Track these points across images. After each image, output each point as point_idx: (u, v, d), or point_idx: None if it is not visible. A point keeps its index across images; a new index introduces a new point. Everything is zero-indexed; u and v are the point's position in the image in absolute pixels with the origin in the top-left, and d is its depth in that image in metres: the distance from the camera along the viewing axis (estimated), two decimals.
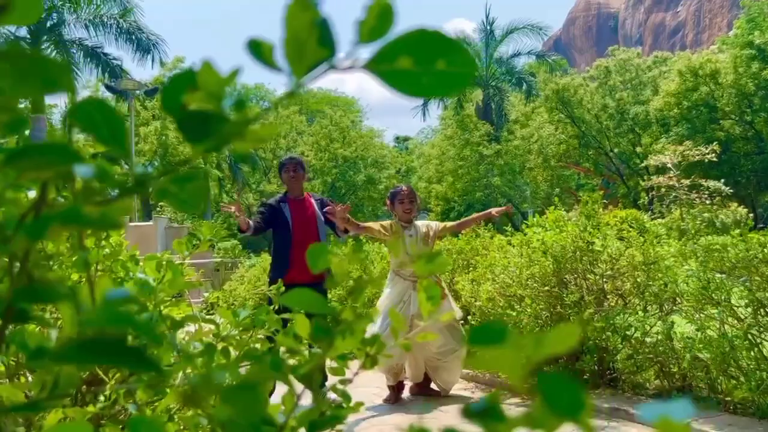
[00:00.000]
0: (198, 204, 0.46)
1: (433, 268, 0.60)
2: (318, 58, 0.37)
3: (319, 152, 36.32)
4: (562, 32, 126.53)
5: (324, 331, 0.57)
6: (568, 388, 0.28)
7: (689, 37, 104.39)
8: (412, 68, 0.39)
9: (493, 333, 0.31)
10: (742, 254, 3.84)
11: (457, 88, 0.40)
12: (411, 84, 0.40)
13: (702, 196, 22.80)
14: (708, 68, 28.67)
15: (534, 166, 32.25)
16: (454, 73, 0.40)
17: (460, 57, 0.39)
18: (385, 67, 0.39)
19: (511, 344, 0.30)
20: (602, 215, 5.50)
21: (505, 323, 0.31)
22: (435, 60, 0.39)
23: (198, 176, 0.45)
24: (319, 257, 0.69)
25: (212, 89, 0.38)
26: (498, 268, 5.61)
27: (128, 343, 0.28)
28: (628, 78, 33.86)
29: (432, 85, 0.40)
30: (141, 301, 1.20)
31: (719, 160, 25.65)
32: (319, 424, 0.75)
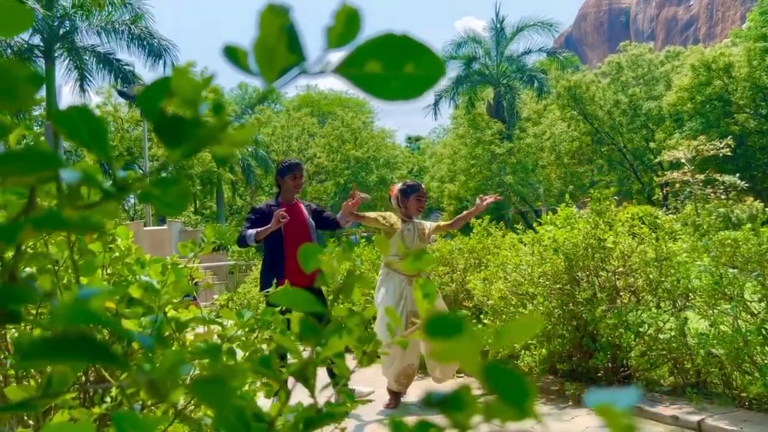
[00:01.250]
0: (181, 207, 0.47)
1: (420, 265, 0.61)
2: (288, 63, 0.38)
3: (331, 153, 36.42)
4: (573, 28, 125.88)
5: (311, 329, 0.58)
6: (514, 378, 0.29)
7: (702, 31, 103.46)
8: (382, 72, 0.40)
9: (450, 325, 0.32)
10: (755, 248, 3.81)
11: (424, 90, 0.41)
12: (381, 87, 0.41)
13: (717, 190, 22.61)
14: (721, 62, 28.43)
15: (547, 163, 32.15)
16: (422, 76, 0.41)
17: (427, 60, 0.41)
18: (355, 71, 0.40)
19: (467, 336, 0.31)
20: (615, 212, 5.47)
21: (462, 315, 0.32)
22: (403, 63, 0.41)
23: (180, 180, 0.46)
24: (310, 257, 0.70)
25: (187, 94, 0.39)
26: (510, 266, 5.60)
27: (95, 339, 0.29)
28: (641, 73, 33.67)
29: (401, 88, 0.41)
30: (146, 303, 1.23)
31: (734, 155, 25.44)
32: (314, 421, 0.76)
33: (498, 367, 0.29)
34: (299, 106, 48.07)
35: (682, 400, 4.32)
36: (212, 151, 0.45)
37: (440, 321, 0.32)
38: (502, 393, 0.29)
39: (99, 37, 21.65)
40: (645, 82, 33.31)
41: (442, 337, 0.31)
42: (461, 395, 0.31)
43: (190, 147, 0.41)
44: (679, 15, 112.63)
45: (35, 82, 0.37)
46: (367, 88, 0.41)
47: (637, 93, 32.04)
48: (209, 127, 0.40)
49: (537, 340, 5.16)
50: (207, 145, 0.41)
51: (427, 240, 5.30)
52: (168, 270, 1.20)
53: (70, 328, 0.28)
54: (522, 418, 0.29)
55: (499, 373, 0.29)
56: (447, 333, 0.32)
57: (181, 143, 0.40)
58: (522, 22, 32.14)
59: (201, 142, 0.40)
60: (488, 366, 0.29)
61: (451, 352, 0.31)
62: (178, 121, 0.39)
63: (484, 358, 0.29)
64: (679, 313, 4.56)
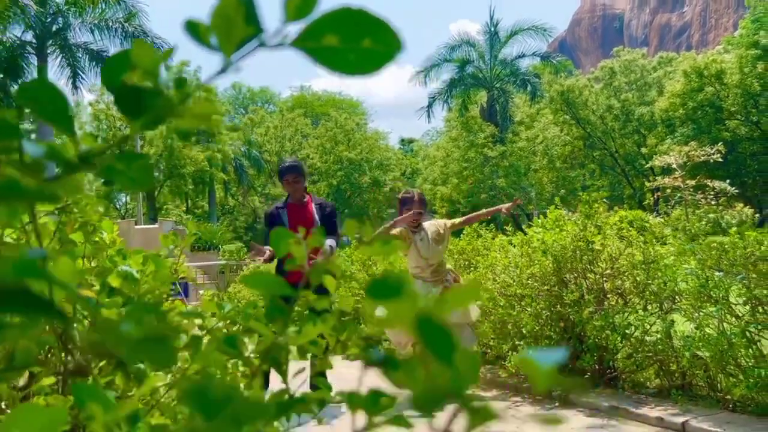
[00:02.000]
0: (145, 183, 0.47)
1: (387, 250, 0.62)
2: (245, 35, 0.39)
3: (324, 155, 36.41)
4: (567, 33, 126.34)
5: (279, 310, 0.58)
6: (443, 332, 0.30)
7: (695, 38, 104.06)
8: (339, 45, 0.41)
9: (389, 287, 0.33)
10: (740, 252, 3.84)
11: (382, 65, 0.42)
12: (338, 61, 0.42)
13: (707, 196, 22.74)
14: (713, 68, 28.61)
15: (539, 167, 32.25)
16: (380, 51, 0.41)
17: (385, 35, 0.41)
18: (312, 44, 0.41)
19: (406, 298, 0.32)
20: (605, 215, 5.50)
21: (403, 277, 0.33)
22: (361, 38, 0.41)
23: (144, 155, 0.47)
24: (281, 241, 0.70)
25: (147, 67, 0.40)
26: (499, 267, 5.62)
27: (31, 290, 0.29)
28: (633, 79, 33.85)
29: (358, 62, 0.42)
30: (125, 293, 1.23)
31: (725, 161, 25.60)
32: (286, 406, 0.77)
33: (429, 320, 0.30)
34: (293, 106, 48.06)
35: (668, 401, 4.35)
36: (175, 125, 0.46)
37: (382, 283, 0.32)
38: (431, 345, 0.30)
39: (92, 35, 21.57)
40: (637, 88, 33.49)
41: (382, 299, 0.32)
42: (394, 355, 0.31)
43: (150, 118, 0.41)
44: (673, 21, 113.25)
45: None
46: (325, 62, 0.41)
47: (630, 98, 32.21)
48: (168, 98, 0.40)
49: (525, 342, 5.18)
50: (167, 117, 0.42)
51: (445, 239, 5.33)
52: (148, 260, 1.20)
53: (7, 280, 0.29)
54: (449, 366, 0.30)
55: (430, 326, 0.30)
56: (387, 295, 0.33)
57: (142, 114, 0.41)
58: (516, 26, 32.25)
59: (160, 113, 0.41)
60: (420, 319, 0.30)
61: (391, 314, 0.32)
62: (137, 92, 0.40)
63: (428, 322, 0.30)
64: (666, 315, 4.59)
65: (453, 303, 0.34)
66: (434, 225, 5.37)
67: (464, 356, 0.31)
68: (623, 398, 4.59)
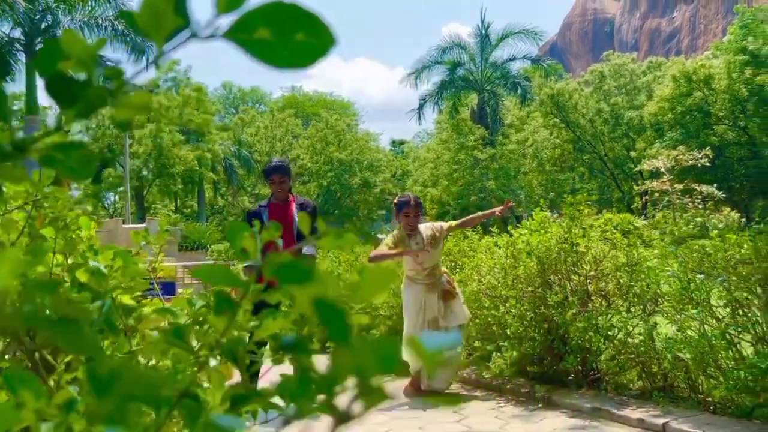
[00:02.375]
0: (85, 173, 0.48)
1: (341, 243, 0.62)
2: (175, 26, 0.39)
3: (314, 155, 36.35)
4: (558, 37, 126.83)
5: (225, 302, 0.59)
6: (338, 312, 0.31)
7: (684, 43, 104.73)
8: (271, 39, 0.41)
9: (301, 271, 0.33)
10: (721, 255, 3.87)
11: (316, 60, 0.43)
12: (271, 55, 0.42)
13: (695, 200, 22.88)
14: (702, 73, 28.81)
15: (529, 170, 32.35)
16: (313, 45, 0.42)
17: (317, 29, 0.42)
18: (244, 36, 0.41)
19: (316, 282, 0.32)
20: (591, 218, 5.53)
21: (312, 263, 0.33)
22: (294, 31, 0.42)
23: (84, 144, 0.47)
24: (237, 235, 0.71)
25: (79, 56, 0.40)
26: (485, 269, 5.64)
27: None
28: (623, 83, 34.00)
29: (291, 56, 0.42)
30: (94, 289, 1.22)
31: (712, 165, 25.78)
32: (242, 399, 0.77)
33: (325, 302, 0.31)
34: (284, 106, 47.99)
35: (649, 403, 4.37)
36: (112, 116, 0.46)
37: (290, 265, 0.33)
38: (328, 328, 0.30)
39: (81, 32, 21.44)
40: (627, 92, 33.64)
41: (291, 283, 0.33)
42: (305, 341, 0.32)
43: (83, 107, 0.41)
44: (663, 27, 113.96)
45: None
46: (258, 54, 0.42)
47: (619, 102, 32.36)
48: (100, 88, 0.41)
49: (509, 343, 5.20)
50: (100, 106, 0.42)
51: (440, 243, 5.39)
52: (116, 256, 1.20)
53: None
54: (346, 345, 0.30)
55: (326, 308, 0.30)
56: (296, 279, 0.33)
57: (74, 103, 0.41)
58: (507, 30, 32.35)
59: (93, 102, 0.41)
60: (317, 300, 0.30)
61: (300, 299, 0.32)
62: (68, 81, 0.40)
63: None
64: (648, 317, 4.62)
65: (367, 288, 0.34)
66: (430, 228, 5.39)
67: (383, 343, 0.32)
68: (606, 400, 4.61)
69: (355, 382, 0.30)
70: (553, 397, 4.82)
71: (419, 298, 5.21)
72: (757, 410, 3.77)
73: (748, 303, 3.81)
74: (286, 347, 0.33)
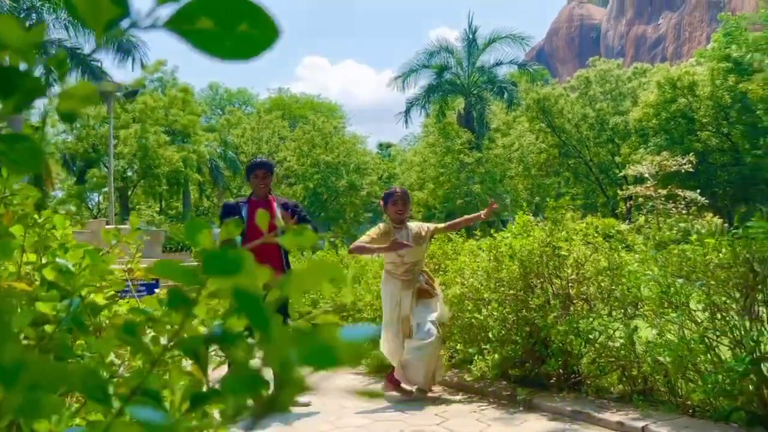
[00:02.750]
0: (30, 165, 0.47)
1: (301, 242, 0.62)
2: (113, 15, 0.39)
3: (301, 157, 36.28)
4: (545, 42, 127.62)
5: (180, 299, 0.58)
6: (257, 305, 0.30)
7: (669, 50, 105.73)
8: (214, 29, 0.41)
9: (228, 262, 0.33)
10: (700, 259, 3.90)
11: (260, 51, 0.42)
12: (214, 45, 0.42)
13: (678, 206, 23.07)
14: (686, 80, 29.08)
15: (514, 174, 32.48)
16: (257, 36, 0.42)
17: (261, 20, 0.41)
18: (186, 27, 0.41)
19: (247, 274, 0.32)
20: (575, 221, 5.55)
21: (243, 252, 0.33)
22: (237, 23, 0.41)
23: (28, 137, 0.46)
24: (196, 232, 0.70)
25: (15, 44, 0.39)
26: (468, 272, 5.65)
27: None
28: (608, 89, 34.24)
29: (235, 48, 0.42)
30: (62, 287, 1.21)
31: (696, 171, 25.99)
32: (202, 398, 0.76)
33: (244, 293, 0.30)
34: (270, 108, 47.83)
35: (629, 406, 4.40)
36: (57, 107, 0.45)
37: (218, 256, 0.32)
38: (249, 318, 0.30)
39: (66, 32, 21.32)
40: (612, 98, 33.88)
41: (220, 275, 0.32)
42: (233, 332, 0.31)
43: (20, 98, 0.41)
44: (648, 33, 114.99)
45: None
46: (200, 45, 0.42)
47: (605, 108, 32.59)
48: (36, 79, 0.40)
49: (491, 346, 5.21)
50: (38, 97, 0.41)
51: (425, 242, 5.43)
52: (85, 254, 1.19)
53: None
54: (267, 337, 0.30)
55: (245, 298, 0.30)
56: (226, 270, 0.33)
57: (12, 94, 0.41)
58: (494, 34, 32.50)
59: (30, 93, 0.41)
60: (235, 290, 0.30)
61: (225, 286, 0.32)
62: (6, 71, 0.39)
63: None
64: (629, 321, 4.64)
65: (302, 281, 0.34)
66: (418, 226, 5.49)
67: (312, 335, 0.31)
68: (586, 403, 4.63)
69: (275, 373, 0.29)
70: (534, 400, 4.83)
71: (395, 294, 5.24)
72: (735, 413, 3.80)
73: (726, 307, 3.84)
74: (214, 339, 0.32)
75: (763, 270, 3.65)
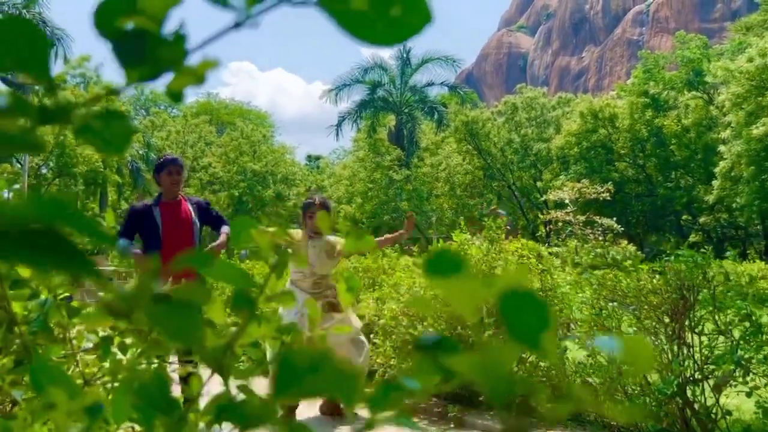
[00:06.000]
0: (122, 146, 0.42)
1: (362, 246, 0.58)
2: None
3: (227, 164, 35.64)
4: (475, 67, 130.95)
5: (245, 300, 0.54)
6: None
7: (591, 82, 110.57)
8: (367, 10, 0.38)
9: (449, 263, 0.30)
10: (633, 284, 4.05)
11: (408, 36, 0.39)
12: (364, 28, 0.38)
13: (595, 232, 23.99)
14: (607, 112, 30.44)
15: (441, 193, 33.00)
16: (409, 20, 0.39)
17: (415, 3, 0.39)
18: (340, 6, 0.37)
19: (466, 276, 0.29)
20: (505, 242, 5.66)
21: (461, 254, 0.30)
22: (390, 5, 0.38)
23: (124, 115, 0.42)
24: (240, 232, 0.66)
25: (154, 10, 0.35)
26: (403, 287, 5.65)
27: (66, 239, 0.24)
28: (534, 116, 35.38)
29: (385, 32, 0.39)
30: (33, 285, 1.12)
31: (613, 200, 27.15)
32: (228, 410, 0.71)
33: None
34: (197, 112, 46.84)
35: (558, 426, 4.49)
36: (168, 85, 0.41)
37: (441, 257, 0.29)
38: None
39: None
40: (537, 125, 35.02)
41: (441, 276, 0.29)
42: None
43: (149, 69, 0.36)
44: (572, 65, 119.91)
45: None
46: (350, 27, 0.38)
47: (529, 134, 33.65)
48: (172, 48, 0.36)
49: None
50: (167, 70, 0.37)
51: (336, 257, 5.13)
52: None
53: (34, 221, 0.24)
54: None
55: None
56: (447, 271, 0.30)
57: (141, 63, 0.36)
58: (427, 55, 33.06)
59: (162, 64, 0.36)
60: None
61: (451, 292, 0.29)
62: (142, 37, 0.35)
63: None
64: (560, 342, 4.75)
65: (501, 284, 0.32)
66: (335, 240, 5.14)
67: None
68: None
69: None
70: (465, 418, 4.87)
71: (299, 307, 4.68)
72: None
73: (656, 331, 3.99)
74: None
75: (691, 297, 3.82)
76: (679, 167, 29.85)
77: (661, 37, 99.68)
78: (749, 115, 24.10)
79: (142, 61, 0.36)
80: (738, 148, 24.30)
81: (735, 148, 24.53)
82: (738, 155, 24.40)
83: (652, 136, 29.72)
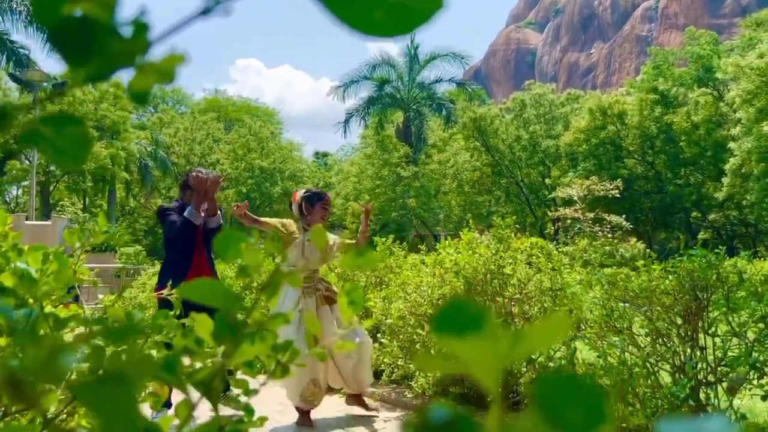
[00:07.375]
0: (78, 156, 0.36)
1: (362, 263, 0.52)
2: None
3: (235, 161, 35.66)
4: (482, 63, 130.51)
5: (228, 328, 0.48)
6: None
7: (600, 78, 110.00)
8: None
9: (465, 317, 0.24)
10: (645, 284, 3.96)
11: (414, 26, 0.33)
12: (360, 17, 0.32)
13: (604, 229, 23.86)
14: (616, 109, 30.23)
15: (448, 190, 32.90)
16: (414, 7, 0.32)
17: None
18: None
19: (488, 335, 0.23)
20: (514, 241, 5.58)
21: (481, 307, 0.24)
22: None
23: (78, 120, 0.36)
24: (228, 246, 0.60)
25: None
26: (411, 286, 5.59)
27: None
28: (542, 112, 35.19)
29: (385, 21, 0.32)
30: (20, 295, 1.06)
31: (621, 197, 26.99)
32: None
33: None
34: (205, 109, 46.88)
35: None
36: (130, 84, 0.35)
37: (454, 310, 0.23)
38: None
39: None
40: (545, 121, 34.83)
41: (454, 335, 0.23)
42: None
43: (99, 65, 0.30)
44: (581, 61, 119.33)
45: None
46: (344, 16, 0.32)
47: (538, 131, 33.45)
48: (127, 41, 0.30)
49: None
50: (121, 66, 0.31)
51: (331, 253, 5.11)
52: (50, 258, 1.04)
53: None
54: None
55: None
56: (462, 329, 0.24)
57: (88, 58, 0.30)
58: (435, 51, 32.93)
59: (115, 59, 0.30)
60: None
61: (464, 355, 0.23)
62: (88, 27, 0.29)
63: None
64: (570, 342, 4.68)
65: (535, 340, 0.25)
66: (331, 237, 5.11)
67: None
68: None
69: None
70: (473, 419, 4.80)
71: (294, 302, 4.74)
72: None
73: (668, 333, 3.91)
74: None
75: (705, 298, 3.74)
76: (688, 164, 29.63)
77: (670, 33, 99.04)
78: (759, 112, 23.87)
79: (90, 56, 0.30)
80: (748, 145, 24.08)
81: (745, 145, 24.30)
82: (748, 152, 24.18)
83: (661, 133, 29.50)
